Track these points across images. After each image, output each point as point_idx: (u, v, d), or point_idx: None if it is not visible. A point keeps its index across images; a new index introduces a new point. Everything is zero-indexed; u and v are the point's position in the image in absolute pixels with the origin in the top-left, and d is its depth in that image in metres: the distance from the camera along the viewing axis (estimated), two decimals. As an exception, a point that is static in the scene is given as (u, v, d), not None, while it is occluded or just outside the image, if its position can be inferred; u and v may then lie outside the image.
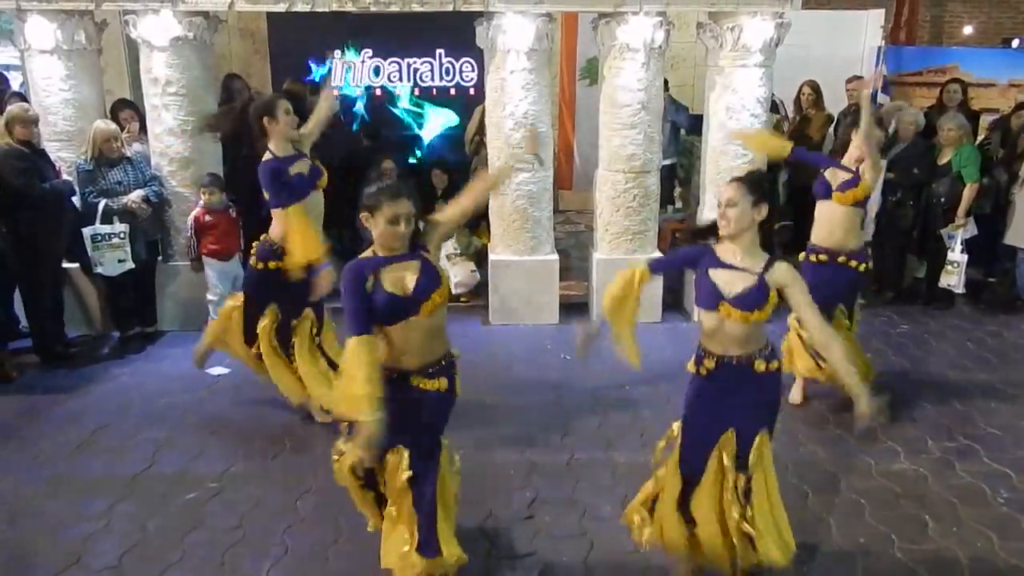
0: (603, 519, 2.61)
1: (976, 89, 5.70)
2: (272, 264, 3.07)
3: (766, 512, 2.12)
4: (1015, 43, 7.17)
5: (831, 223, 3.22)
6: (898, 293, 4.86)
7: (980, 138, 5.13)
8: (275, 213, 3.07)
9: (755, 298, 2.03)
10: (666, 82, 4.92)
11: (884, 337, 4.30)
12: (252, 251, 3.19)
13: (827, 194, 3.22)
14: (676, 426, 2.23)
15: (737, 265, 2.07)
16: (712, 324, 2.10)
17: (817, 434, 3.21)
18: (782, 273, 2.05)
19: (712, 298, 2.07)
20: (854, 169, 3.18)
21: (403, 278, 1.99)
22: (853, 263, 3.19)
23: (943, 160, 4.54)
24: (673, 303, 4.71)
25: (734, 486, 2.10)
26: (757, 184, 2.10)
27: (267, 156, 3.01)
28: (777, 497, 2.16)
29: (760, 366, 2.08)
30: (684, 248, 2.31)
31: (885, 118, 4.61)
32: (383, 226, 1.96)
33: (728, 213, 2.06)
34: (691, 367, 2.18)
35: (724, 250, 2.11)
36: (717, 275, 2.08)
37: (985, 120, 5.45)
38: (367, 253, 2.03)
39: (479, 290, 4.78)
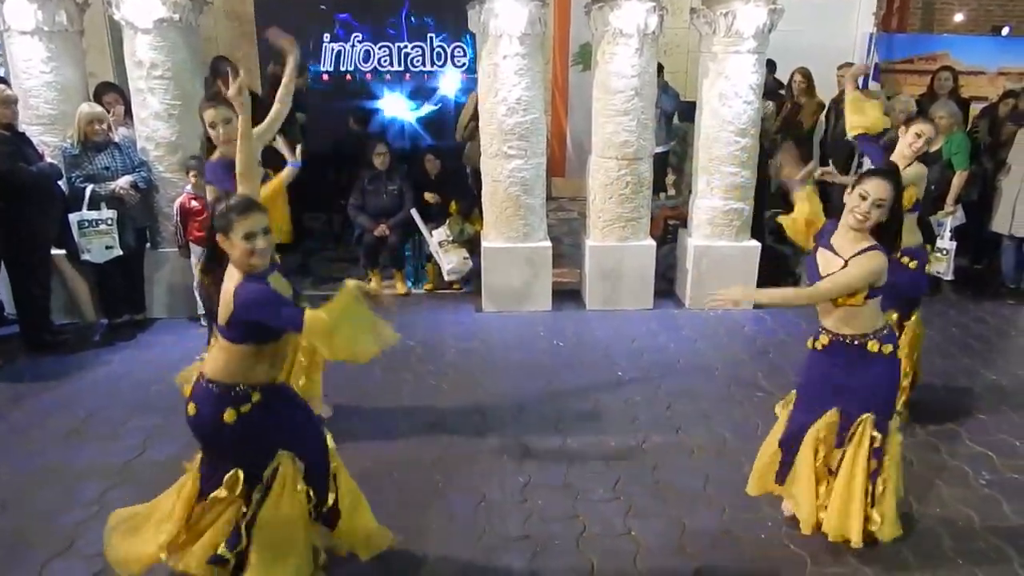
0: (596, 502, 2.65)
1: (966, 77, 5.73)
2: None
3: (842, 490, 2.22)
4: (1005, 31, 7.20)
5: None
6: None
7: (968, 126, 5.17)
8: None
9: None
10: (660, 67, 4.89)
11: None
12: None
13: None
14: (794, 393, 2.37)
15: (836, 250, 2.17)
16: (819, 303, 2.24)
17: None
18: (857, 259, 2.12)
19: (814, 277, 2.21)
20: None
21: (287, 287, 2.03)
22: (904, 259, 3.09)
23: (934, 148, 4.56)
24: (665, 291, 4.73)
25: (825, 463, 2.23)
26: (900, 183, 2.14)
27: (216, 155, 2.75)
28: (860, 480, 2.20)
29: (873, 347, 2.17)
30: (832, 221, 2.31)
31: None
32: (239, 244, 1.86)
33: (873, 213, 2.10)
34: (809, 343, 2.30)
35: (837, 233, 2.19)
36: (821, 255, 2.21)
37: (975, 108, 5.49)
38: (237, 276, 1.89)
39: (472, 277, 4.78)
